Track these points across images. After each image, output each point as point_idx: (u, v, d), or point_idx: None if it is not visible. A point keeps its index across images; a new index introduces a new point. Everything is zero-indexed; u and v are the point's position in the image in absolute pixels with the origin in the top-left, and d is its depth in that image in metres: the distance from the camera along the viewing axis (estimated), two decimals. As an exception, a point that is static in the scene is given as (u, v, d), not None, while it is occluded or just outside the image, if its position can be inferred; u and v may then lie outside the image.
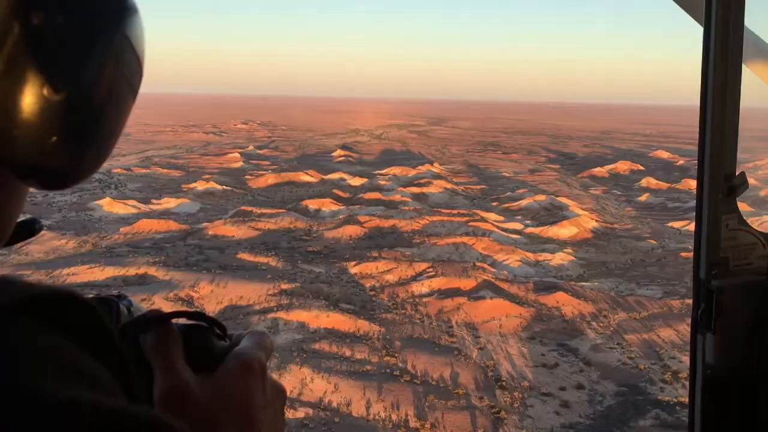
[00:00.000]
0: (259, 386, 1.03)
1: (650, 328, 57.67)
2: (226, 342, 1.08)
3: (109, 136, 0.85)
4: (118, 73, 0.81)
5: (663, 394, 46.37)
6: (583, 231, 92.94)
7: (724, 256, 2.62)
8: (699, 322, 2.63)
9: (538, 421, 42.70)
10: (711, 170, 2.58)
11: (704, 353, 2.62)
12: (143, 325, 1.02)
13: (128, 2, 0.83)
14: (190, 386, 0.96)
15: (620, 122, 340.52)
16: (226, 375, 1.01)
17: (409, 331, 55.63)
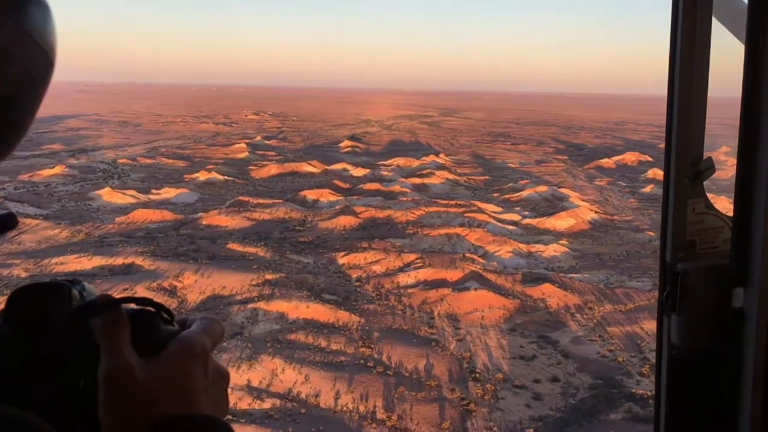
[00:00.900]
0: (200, 369, 1.06)
1: (634, 321, 57.02)
2: (174, 327, 1.12)
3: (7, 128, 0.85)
4: (15, 66, 0.80)
5: (638, 387, 45.79)
6: (580, 222, 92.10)
7: (691, 239, 2.63)
8: (665, 303, 2.63)
9: (507, 413, 42.28)
10: (677, 154, 2.57)
11: (669, 334, 2.63)
12: (93, 309, 1.06)
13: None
14: (130, 368, 1.00)
15: (635, 113, 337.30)
16: (167, 358, 1.05)
17: (389, 323, 55.33)
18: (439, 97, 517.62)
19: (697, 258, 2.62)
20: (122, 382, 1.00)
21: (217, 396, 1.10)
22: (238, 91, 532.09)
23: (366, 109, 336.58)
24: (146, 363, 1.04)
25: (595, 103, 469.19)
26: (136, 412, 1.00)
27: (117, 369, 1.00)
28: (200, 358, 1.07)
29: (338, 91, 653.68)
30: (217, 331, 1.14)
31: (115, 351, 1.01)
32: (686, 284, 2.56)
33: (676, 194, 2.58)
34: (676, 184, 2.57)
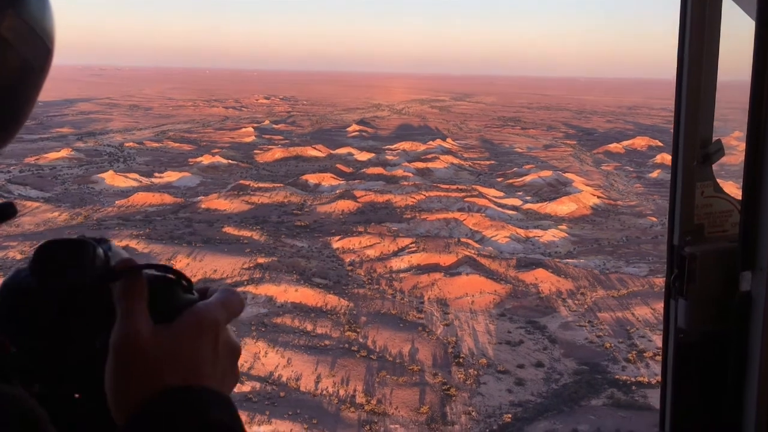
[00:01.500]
0: (209, 342, 1.06)
1: (626, 306, 56.55)
2: (193, 295, 1.11)
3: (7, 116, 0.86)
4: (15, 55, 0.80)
5: (623, 374, 45.44)
6: (582, 207, 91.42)
7: (699, 223, 2.65)
8: (672, 287, 2.68)
9: (488, 398, 42.09)
10: (686, 136, 2.56)
11: (677, 318, 2.66)
12: (113, 274, 1.07)
13: None
14: (140, 335, 1.01)
15: (650, 97, 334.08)
16: (178, 327, 1.04)
17: (378, 307, 55.16)
18: (453, 82, 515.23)
19: (705, 242, 2.65)
20: (130, 348, 1.00)
21: (224, 370, 1.08)
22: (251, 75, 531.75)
23: (378, 93, 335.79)
24: (158, 331, 1.03)
25: (611, 87, 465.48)
26: (139, 380, 0.99)
27: (126, 335, 1.00)
28: (211, 331, 1.06)
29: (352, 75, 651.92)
30: (235, 304, 1.12)
31: (129, 317, 1.01)
32: (693, 268, 2.60)
33: (684, 177, 2.60)
34: (685, 167, 2.59)
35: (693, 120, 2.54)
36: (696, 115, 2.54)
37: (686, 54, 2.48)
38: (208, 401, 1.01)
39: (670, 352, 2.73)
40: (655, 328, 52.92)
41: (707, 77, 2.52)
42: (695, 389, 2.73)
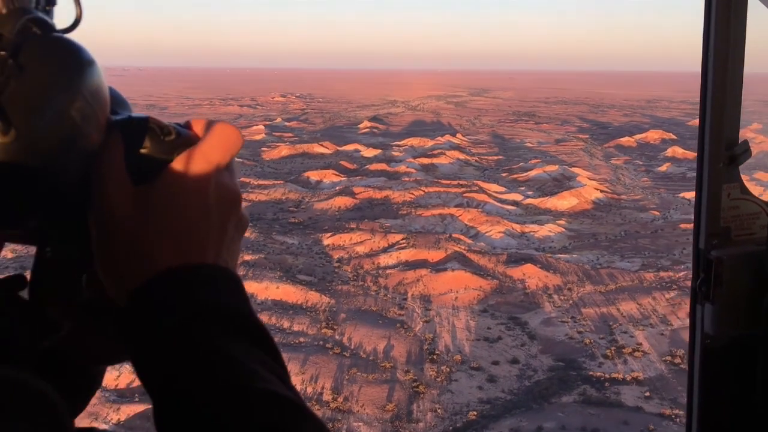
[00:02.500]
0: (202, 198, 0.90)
1: (612, 302, 55.71)
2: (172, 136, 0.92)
3: (57, 179, 0.81)
4: (69, 124, 0.78)
5: (599, 370, 44.75)
6: (583, 202, 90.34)
7: (726, 225, 2.60)
8: (698, 292, 2.61)
9: (457, 395, 41.65)
10: (712, 138, 2.51)
11: (703, 323, 2.60)
12: None
13: (84, 58, 0.81)
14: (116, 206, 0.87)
15: (671, 90, 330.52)
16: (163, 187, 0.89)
17: (359, 303, 54.88)
18: (472, 77, 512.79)
19: (732, 245, 2.58)
20: (106, 226, 0.88)
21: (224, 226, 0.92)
22: (271, 74, 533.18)
23: (395, 89, 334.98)
24: (138, 197, 0.89)
25: (632, 80, 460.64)
26: (128, 261, 0.87)
27: (100, 209, 0.88)
28: (203, 183, 0.90)
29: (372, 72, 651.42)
30: (231, 139, 0.94)
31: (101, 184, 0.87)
32: (720, 272, 2.52)
33: (710, 179, 2.52)
34: (711, 169, 2.51)
35: (718, 121, 2.48)
36: (722, 116, 2.48)
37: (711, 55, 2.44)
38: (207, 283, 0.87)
39: (696, 357, 2.66)
40: (638, 323, 52.12)
41: (732, 77, 2.48)
42: (723, 395, 2.72)
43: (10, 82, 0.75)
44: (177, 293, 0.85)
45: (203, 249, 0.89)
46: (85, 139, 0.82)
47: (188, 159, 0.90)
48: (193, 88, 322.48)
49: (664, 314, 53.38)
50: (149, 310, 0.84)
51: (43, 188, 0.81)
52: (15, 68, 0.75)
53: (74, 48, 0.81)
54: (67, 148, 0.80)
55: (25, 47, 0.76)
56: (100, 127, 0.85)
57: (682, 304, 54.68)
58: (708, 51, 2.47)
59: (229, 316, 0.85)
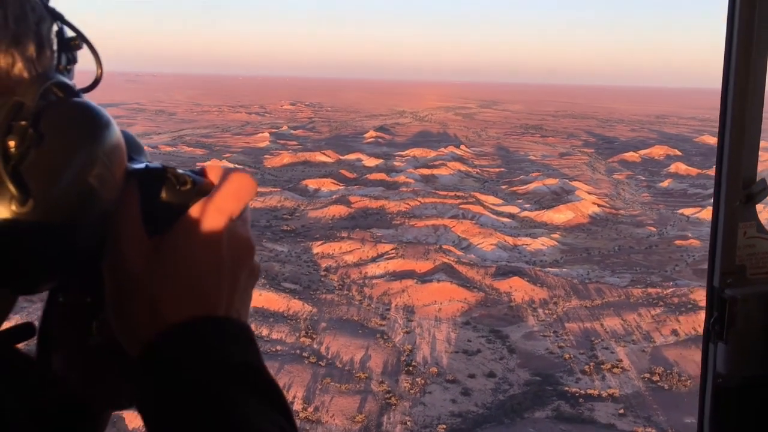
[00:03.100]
0: (216, 249, 0.90)
1: (597, 317, 55.23)
2: (188, 186, 0.92)
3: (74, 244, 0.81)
4: (87, 190, 0.79)
5: (575, 386, 44.29)
6: (579, 216, 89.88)
7: (741, 264, 2.59)
8: (711, 331, 2.57)
9: (429, 408, 41.28)
10: (729, 175, 2.51)
11: (715, 363, 2.57)
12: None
13: (101, 121, 0.82)
14: (129, 257, 0.87)
15: (680, 106, 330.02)
16: (177, 237, 0.90)
17: (342, 313, 54.64)
18: (484, 89, 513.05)
19: (747, 284, 2.55)
20: (122, 276, 0.88)
21: (236, 278, 0.93)
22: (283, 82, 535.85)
23: (405, 100, 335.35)
24: (154, 248, 0.89)
25: (643, 95, 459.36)
26: (141, 313, 0.87)
27: (115, 260, 0.88)
28: (217, 234, 0.90)
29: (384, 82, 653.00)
30: (245, 187, 0.94)
31: (117, 235, 0.88)
32: (735, 311, 2.49)
33: (726, 217, 2.49)
34: (727, 207, 2.49)
35: (736, 159, 2.47)
36: (740, 154, 2.47)
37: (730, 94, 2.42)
38: (220, 337, 0.87)
39: (708, 397, 2.61)
40: (621, 339, 51.66)
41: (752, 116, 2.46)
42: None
43: (30, 151, 0.75)
44: (190, 348, 0.85)
45: (216, 301, 0.89)
46: (102, 202, 0.82)
47: (202, 210, 0.89)
48: (204, 94, 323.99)
49: (648, 331, 52.87)
50: (162, 364, 0.84)
51: (60, 255, 0.81)
52: (35, 137, 0.75)
53: (92, 112, 0.81)
54: (84, 213, 0.80)
55: (45, 115, 0.77)
56: (117, 187, 0.85)
57: (667, 321, 54.22)
58: (728, 90, 2.44)
59: (242, 373, 0.85)
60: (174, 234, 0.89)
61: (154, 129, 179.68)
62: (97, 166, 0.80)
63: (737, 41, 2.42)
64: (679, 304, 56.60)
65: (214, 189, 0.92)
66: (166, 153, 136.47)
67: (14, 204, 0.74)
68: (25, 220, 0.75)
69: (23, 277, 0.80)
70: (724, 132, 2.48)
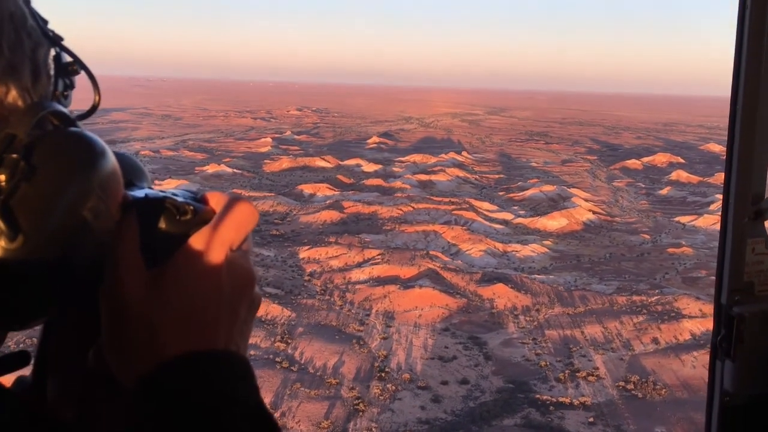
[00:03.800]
0: (215, 281, 0.87)
1: (578, 325, 54.76)
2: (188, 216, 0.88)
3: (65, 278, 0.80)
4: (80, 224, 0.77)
5: (548, 394, 43.83)
6: (573, 223, 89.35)
7: (749, 281, 2.56)
8: (718, 348, 2.56)
9: (397, 414, 40.93)
10: (737, 191, 2.47)
11: (722, 380, 2.56)
12: None
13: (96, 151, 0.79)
14: (127, 289, 0.85)
15: (689, 114, 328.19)
16: (175, 269, 0.87)
17: (320, 318, 54.38)
18: (493, 96, 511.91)
19: (756, 301, 2.53)
20: (118, 307, 0.85)
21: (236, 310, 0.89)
22: (292, 88, 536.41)
23: (412, 106, 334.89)
24: (152, 280, 0.86)
25: (653, 103, 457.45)
26: (137, 345, 0.85)
27: (112, 291, 0.85)
28: (216, 266, 0.87)
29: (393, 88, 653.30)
30: (245, 216, 0.91)
31: (115, 266, 0.85)
32: (742, 329, 2.47)
33: (734, 233, 2.48)
34: (735, 223, 2.47)
35: (745, 175, 2.42)
36: (749, 169, 2.42)
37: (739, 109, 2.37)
38: (218, 371, 0.85)
39: (714, 415, 2.57)
40: (599, 347, 51.18)
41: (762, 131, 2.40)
42: None
43: (21, 185, 0.73)
44: (187, 381, 0.83)
45: (214, 334, 0.86)
46: (96, 235, 0.80)
47: (202, 240, 0.87)
48: (211, 99, 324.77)
49: (629, 339, 52.34)
50: (159, 397, 0.82)
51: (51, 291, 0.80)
52: (27, 171, 0.73)
53: (85, 142, 0.79)
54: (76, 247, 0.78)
55: (38, 146, 0.75)
56: (112, 218, 0.83)
57: (648, 329, 53.69)
58: (736, 105, 2.39)
59: (239, 408, 0.82)
60: (173, 265, 0.86)
61: (158, 133, 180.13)
62: (90, 198, 0.77)
63: (746, 53, 2.36)
64: (662, 313, 56.06)
65: (214, 217, 0.89)
66: (167, 157, 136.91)
67: (3, 240, 0.73)
68: (14, 257, 0.73)
69: (13, 314, 0.79)
70: (733, 147, 2.44)
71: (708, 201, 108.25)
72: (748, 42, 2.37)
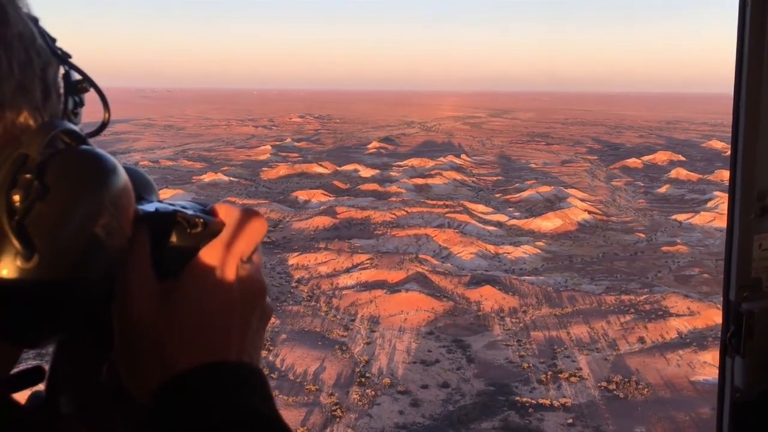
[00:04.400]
0: (227, 292, 0.89)
1: (564, 326, 54.32)
2: (198, 228, 0.90)
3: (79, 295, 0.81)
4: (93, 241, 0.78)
5: (528, 396, 43.41)
6: (567, 224, 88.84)
7: (756, 276, 2.56)
8: (728, 344, 2.54)
9: (375, 420, 40.62)
10: (743, 186, 2.46)
11: (733, 377, 2.56)
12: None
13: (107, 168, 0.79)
14: (139, 302, 0.86)
15: (694, 111, 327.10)
16: (187, 282, 0.89)
17: (305, 324, 54.15)
18: (497, 98, 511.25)
19: (764, 297, 2.52)
20: (129, 322, 0.86)
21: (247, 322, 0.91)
22: (297, 95, 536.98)
23: (416, 111, 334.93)
24: (163, 293, 0.88)
25: (658, 101, 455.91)
26: (151, 358, 0.86)
27: (124, 305, 0.87)
28: (228, 279, 0.89)
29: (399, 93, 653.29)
30: (255, 228, 0.93)
31: (127, 281, 0.87)
32: (752, 325, 2.47)
33: (741, 229, 2.47)
34: (742, 219, 2.46)
35: (751, 170, 2.40)
36: (754, 165, 2.40)
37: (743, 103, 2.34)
38: (232, 383, 0.85)
39: (725, 412, 2.57)
40: (585, 348, 50.75)
41: (766, 124, 2.38)
42: None
43: (35, 204, 0.73)
44: (201, 394, 0.83)
45: (227, 345, 0.87)
46: (109, 251, 0.80)
47: (212, 252, 0.89)
48: (216, 109, 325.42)
49: (614, 339, 51.87)
50: (173, 411, 0.82)
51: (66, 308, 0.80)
52: (40, 190, 0.74)
53: (97, 160, 0.79)
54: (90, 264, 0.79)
55: (51, 165, 0.75)
56: (124, 234, 0.83)
57: (635, 328, 53.22)
58: (740, 98, 2.37)
59: (254, 419, 0.83)
60: (184, 278, 0.88)
61: (158, 144, 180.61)
62: (103, 216, 0.78)
63: (748, 49, 2.32)
64: (650, 312, 55.58)
65: (225, 230, 0.91)
66: (165, 167, 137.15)
67: (19, 260, 0.73)
68: (30, 277, 0.74)
69: (29, 331, 0.79)
70: (737, 142, 2.40)
71: (706, 198, 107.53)
72: (749, 38, 2.33)
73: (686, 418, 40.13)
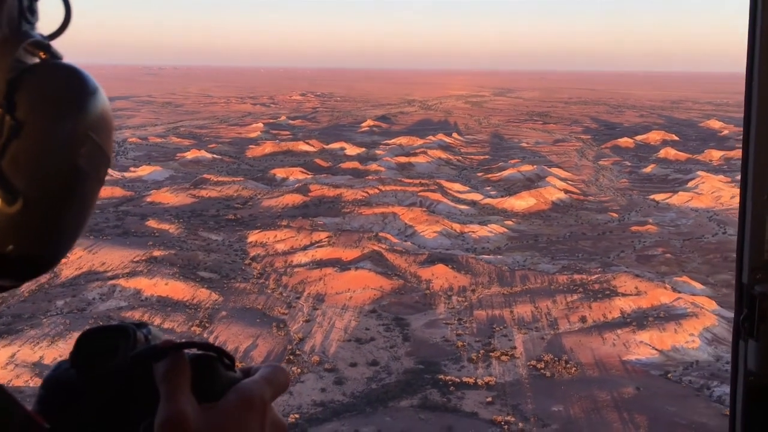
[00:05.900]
0: (256, 422, 1.05)
1: (509, 305, 53.85)
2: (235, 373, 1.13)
3: (70, 227, 0.82)
4: (74, 171, 0.76)
5: (455, 374, 43.05)
6: (541, 203, 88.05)
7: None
8: (741, 328, 2.56)
9: (294, 397, 40.40)
10: (755, 171, 2.48)
11: (746, 360, 2.56)
12: (155, 354, 1.08)
13: (88, 89, 0.75)
14: (185, 417, 0.98)
15: (701, 91, 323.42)
16: (224, 408, 1.03)
17: (248, 302, 53.89)
18: (505, 77, 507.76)
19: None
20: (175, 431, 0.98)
21: None
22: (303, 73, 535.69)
23: (420, 89, 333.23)
24: (203, 412, 1.01)
25: (667, 80, 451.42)
26: None
27: (171, 417, 0.98)
28: (258, 411, 1.06)
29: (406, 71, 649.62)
30: (281, 381, 1.14)
31: (173, 398, 0.99)
32: (765, 308, 2.45)
33: (753, 213, 2.46)
34: (754, 202, 2.45)
35: (763, 154, 2.40)
36: (766, 148, 2.40)
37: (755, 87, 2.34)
38: None
39: (739, 395, 2.56)
40: (524, 326, 50.34)
41: None
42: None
43: (10, 143, 0.68)
44: None
45: None
46: (92, 180, 0.80)
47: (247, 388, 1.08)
48: (218, 86, 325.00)
49: (556, 318, 51.39)
50: None
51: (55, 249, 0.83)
52: (13, 126, 0.68)
53: (75, 79, 0.72)
54: (74, 195, 0.78)
55: (22, 89, 0.68)
56: (107, 159, 0.83)
57: (579, 307, 52.73)
58: (752, 79, 2.35)
59: None
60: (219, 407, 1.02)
61: (152, 120, 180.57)
62: (86, 144, 0.75)
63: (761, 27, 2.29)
64: (597, 291, 55.01)
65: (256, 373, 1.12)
66: (153, 144, 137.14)
67: (1, 204, 0.71)
68: (15, 220, 0.71)
69: (25, 266, 0.79)
70: (750, 126, 2.37)
71: (689, 178, 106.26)
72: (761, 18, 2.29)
73: (608, 397, 39.62)
